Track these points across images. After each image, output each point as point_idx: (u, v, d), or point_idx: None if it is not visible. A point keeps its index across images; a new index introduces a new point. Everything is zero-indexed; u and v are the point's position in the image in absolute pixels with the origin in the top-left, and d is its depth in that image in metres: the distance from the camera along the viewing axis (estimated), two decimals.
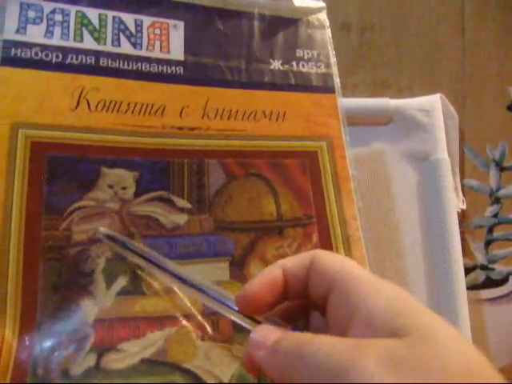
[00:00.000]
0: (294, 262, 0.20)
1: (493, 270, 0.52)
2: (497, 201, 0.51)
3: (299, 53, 0.33)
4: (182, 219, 0.27)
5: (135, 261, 0.25)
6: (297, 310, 0.21)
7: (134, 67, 0.29)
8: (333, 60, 0.34)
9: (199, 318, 0.25)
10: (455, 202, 0.38)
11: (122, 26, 0.30)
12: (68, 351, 0.23)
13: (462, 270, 0.36)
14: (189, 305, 0.26)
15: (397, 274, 0.36)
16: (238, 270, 0.27)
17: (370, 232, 0.37)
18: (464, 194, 0.45)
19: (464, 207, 0.43)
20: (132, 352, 0.24)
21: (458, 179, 0.43)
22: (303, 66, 0.33)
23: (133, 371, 0.23)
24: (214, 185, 0.28)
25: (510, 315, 0.50)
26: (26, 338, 0.23)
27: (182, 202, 0.28)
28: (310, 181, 0.30)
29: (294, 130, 0.31)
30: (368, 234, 0.37)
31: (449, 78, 0.50)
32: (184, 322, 0.25)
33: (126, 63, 0.29)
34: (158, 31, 0.31)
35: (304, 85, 0.32)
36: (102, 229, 0.26)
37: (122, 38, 0.30)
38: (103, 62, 0.29)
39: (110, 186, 0.27)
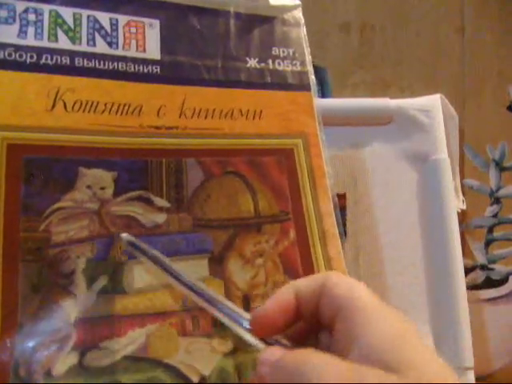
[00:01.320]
0: (306, 285, 0.20)
1: (492, 270, 0.52)
2: (497, 201, 0.52)
3: (275, 51, 0.34)
4: (161, 218, 0.28)
5: (153, 269, 0.25)
6: (308, 329, 0.21)
7: (110, 67, 0.29)
8: (308, 58, 0.34)
9: (179, 314, 0.26)
10: (455, 202, 0.38)
11: (97, 25, 0.30)
12: (50, 351, 0.23)
13: (462, 270, 0.36)
14: (169, 302, 0.26)
15: (396, 274, 0.36)
16: (218, 266, 0.28)
17: (369, 232, 0.37)
18: (464, 194, 0.45)
19: (464, 207, 0.43)
20: (114, 349, 0.24)
21: (458, 179, 0.44)
22: (279, 64, 0.33)
23: (115, 368, 0.24)
24: (192, 183, 0.29)
25: (510, 315, 0.51)
26: (8, 340, 0.23)
27: (160, 201, 0.28)
28: (286, 178, 0.30)
29: (271, 127, 0.31)
30: (367, 234, 0.37)
31: (449, 77, 0.50)
32: (165, 319, 0.26)
33: (101, 63, 0.29)
34: (133, 30, 0.31)
35: (280, 83, 0.33)
36: (123, 235, 0.25)
37: (98, 38, 0.30)
38: (79, 61, 0.29)
39: (89, 187, 0.27)
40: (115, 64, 0.30)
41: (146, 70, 0.30)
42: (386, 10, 0.51)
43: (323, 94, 0.50)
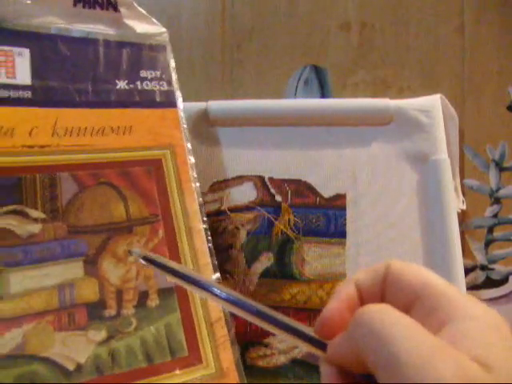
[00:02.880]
0: (366, 276, 0.19)
1: (492, 270, 0.52)
2: (497, 201, 0.51)
3: (143, 73, 0.38)
4: (36, 228, 0.31)
5: (177, 283, 0.21)
6: None
7: None
8: (174, 77, 0.39)
9: (56, 312, 0.29)
10: (455, 203, 0.38)
11: None
12: None
13: (462, 270, 0.36)
14: (46, 302, 0.29)
15: None
16: (92, 267, 0.31)
17: (369, 232, 0.37)
18: (464, 195, 0.45)
19: (464, 207, 0.43)
20: None
21: (458, 179, 0.43)
22: (147, 84, 0.38)
23: None
24: (66, 195, 0.32)
25: (510, 315, 0.52)
26: None
27: (35, 213, 0.31)
28: (155, 184, 0.34)
29: (140, 141, 0.35)
30: (367, 233, 0.37)
31: (449, 78, 0.50)
32: (41, 318, 0.28)
33: None
34: (2, 58, 0.33)
35: (148, 101, 0.37)
36: (135, 250, 0.22)
37: None
38: None
39: None
40: None
41: (16, 95, 0.33)
42: (386, 10, 0.50)
43: (323, 94, 0.50)
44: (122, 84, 0.37)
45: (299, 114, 0.40)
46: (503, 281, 0.52)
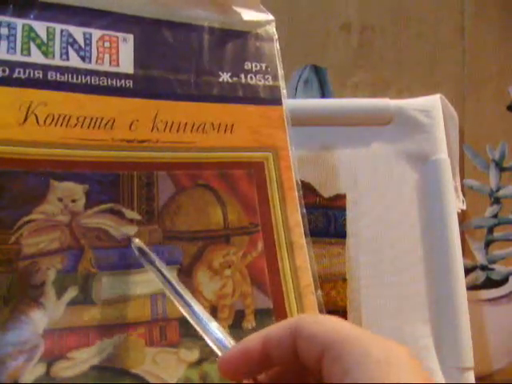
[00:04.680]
0: (277, 331, 0.20)
1: (493, 270, 0.52)
2: (497, 201, 0.52)
3: (247, 65, 0.34)
4: (131, 230, 0.28)
5: (157, 279, 0.25)
6: (290, 372, 0.21)
7: (83, 81, 0.30)
8: (280, 72, 0.35)
9: (147, 324, 0.27)
10: (455, 203, 0.38)
11: (70, 40, 0.30)
12: (18, 362, 0.24)
13: (462, 270, 0.36)
14: (138, 312, 0.27)
15: (396, 274, 0.37)
16: (186, 278, 0.28)
17: (369, 232, 0.38)
18: (464, 195, 0.46)
19: (464, 207, 0.43)
20: (81, 360, 0.25)
21: (458, 179, 0.44)
22: (251, 78, 0.34)
23: (82, 378, 0.25)
24: (162, 196, 0.30)
25: (510, 315, 0.51)
26: None
27: (131, 214, 0.29)
28: (256, 190, 0.31)
29: (242, 141, 0.32)
30: (367, 234, 0.37)
31: (449, 78, 0.50)
32: (132, 329, 0.26)
33: (74, 77, 0.30)
34: (107, 44, 0.31)
35: (252, 97, 0.34)
36: (136, 240, 0.27)
37: (71, 52, 0.30)
38: (51, 75, 0.29)
39: (60, 199, 0.28)
40: (88, 78, 0.30)
41: (118, 84, 0.31)
42: (386, 11, 0.51)
43: (323, 94, 0.50)
44: (225, 77, 0.34)
45: (299, 113, 0.39)
46: (503, 281, 0.52)
